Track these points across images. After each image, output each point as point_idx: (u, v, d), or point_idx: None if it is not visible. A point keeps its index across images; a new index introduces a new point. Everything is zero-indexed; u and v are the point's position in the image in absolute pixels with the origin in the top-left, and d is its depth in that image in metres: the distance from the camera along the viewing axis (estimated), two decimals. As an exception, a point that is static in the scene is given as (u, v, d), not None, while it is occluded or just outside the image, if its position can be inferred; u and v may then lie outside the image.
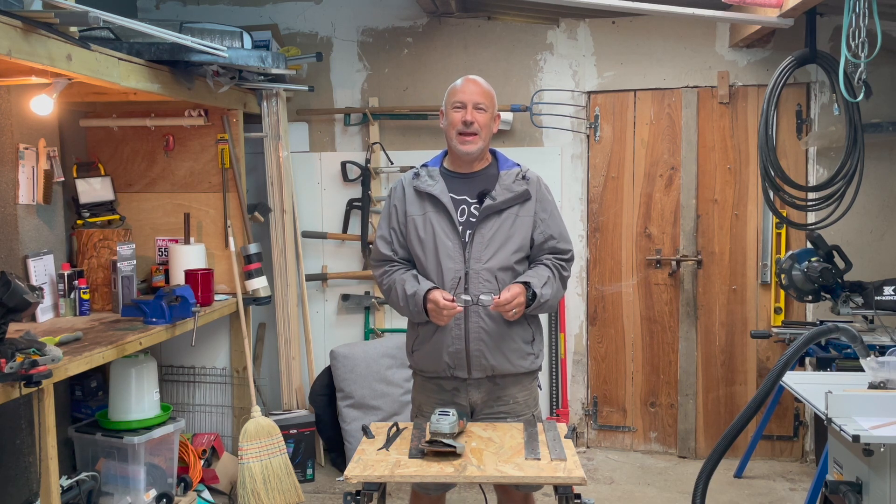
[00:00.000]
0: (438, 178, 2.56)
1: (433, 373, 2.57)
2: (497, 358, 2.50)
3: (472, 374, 2.50)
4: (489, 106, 2.55)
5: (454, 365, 2.50)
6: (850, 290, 3.55)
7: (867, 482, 1.95)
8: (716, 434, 4.32)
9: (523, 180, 2.55)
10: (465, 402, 2.55)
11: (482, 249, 2.48)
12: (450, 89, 2.60)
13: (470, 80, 2.58)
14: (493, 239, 2.49)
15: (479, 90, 2.55)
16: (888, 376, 2.15)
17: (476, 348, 2.48)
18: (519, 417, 2.57)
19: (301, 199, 4.48)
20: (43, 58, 2.43)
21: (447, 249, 2.49)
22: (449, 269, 2.48)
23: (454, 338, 2.48)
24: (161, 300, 3.30)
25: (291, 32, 4.53)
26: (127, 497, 3.37)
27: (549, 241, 2.57)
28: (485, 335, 2.48)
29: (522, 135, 4.39)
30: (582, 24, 4.32)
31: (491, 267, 2.48)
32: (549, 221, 2.57)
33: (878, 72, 3.85)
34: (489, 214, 2.50)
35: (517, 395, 2.58)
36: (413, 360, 2.64)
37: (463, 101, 2.52)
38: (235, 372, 4.20)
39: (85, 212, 3.86)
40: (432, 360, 2.54)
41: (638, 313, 4.42)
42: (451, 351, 2.49)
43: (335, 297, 4.55)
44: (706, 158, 4.28)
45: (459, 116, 2.51)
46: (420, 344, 2.57)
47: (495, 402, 2.56)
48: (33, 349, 2.35)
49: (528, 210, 2.54)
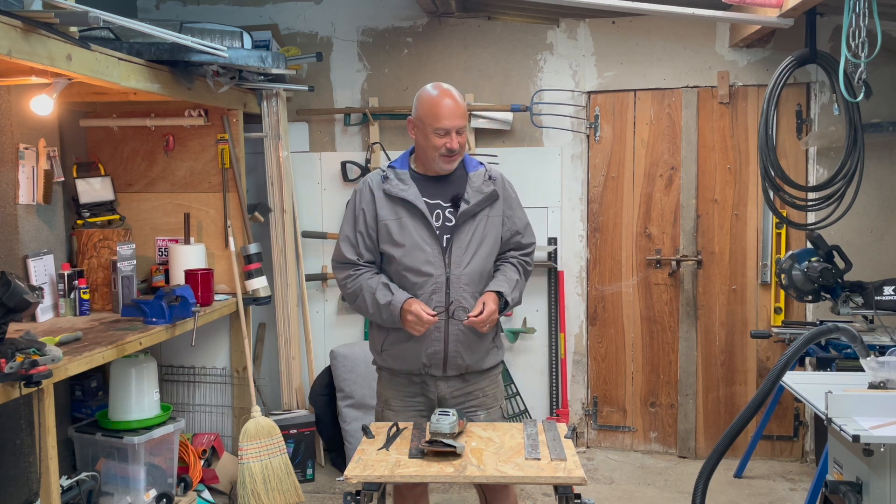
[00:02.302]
0: (410, 182, 2.54)
1: (404, 371, 2.59)
2: (472, 357, 2.56)
3: (448, 371, 2.54)
4: (466, 123, 2.55)
5: (430, 364, 2.53)
6: (850, 290, 3.55)
7: (867, 482, 1.95)
8: (716, 434, 4.31)
9: (490, 181, 2.57)
10: (433, 396, 2.58)
11: (461, 254, 2.51)
12: (427, 106, 2.49)
13: (450, 100, 2.48)
14: (470, 243, 2.52)
15: (459, 111, 2.48)
16: (888, 376, 2.15)
17: (454, 349, 2.51)
18: (489, 409, 2.62)
19: (301, 199, 4.48)
20: (43, 58, 2.43)
21: (426, 255, 2.49)
22: (429, 275, 2.48)
23: (433, 340, 2.50)
24: (161, 300, 3.31)
25: (291, 32, 4.53)
26: (127, 497, 3.37)
27: (515, 236, 2.65)
28: (462, 337, 2.52)
29: (522, 135, 4.39)
30: (582, 24, 4.32)
31: (470, 271, 2.52)
32: (514, 217, 2.64)
33: (878, 72, 3.85)
34: (465, 219, 2.52)
35: (486, 388, 2.64)
36: (382, 359, 2.64)
37: (447, 129, 2.46)
38: (235, 372, 4.20)
39: (85, 212, 3.86)
40: (407, 361, 2.56)
41: (638, 313, 4.42)
42: (429, 353, 2.51)
43: (335, 297, 4.55)
44: (706, 158, 4.28)
45: (443, 143, 2.47)
46: (392, 345, 2.57)
47: (465, 398, 2.59)
48: (33, 349, 2.35)
49: (497, 210, 2.59)
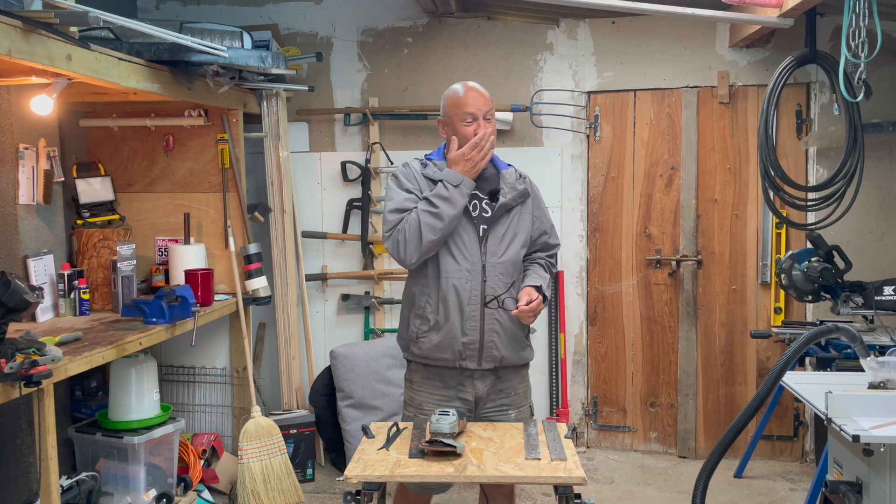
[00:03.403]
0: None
1: (439, 362, 2.56)
2: (507, 349, 2.57)
3: (483, 364, 2.54)
4: (492, 113, 2.59)
5: (465, 355, 2.53)
6: (850, 290, 3.55)
7: (867, 482, 1.95)
8: (716, 434, 4.32)
9: (521, 179, 2.66)
10: (470, 397, 2.58)
11: (497, 244, 2.56)
12: (452, 99, 2.58)
13: (473, 89, 2.57)
14: (505, 235, 2.58)
15: (485, 99, 2.56)
16: (888, 376, 2.15)
17: (490, 339, 2.53)
18: (519, 409, 2.65)
19: (301, 199, 4.48)
20: (43, 58, 2.43)
21: (464, 241, 2.53)
22: (465, 260, 2.52)
23: (470, 328, 2.52)
24: (161, 300, 3.31)
25: (291, 32, 4.53)
26: (127, 497, 3.37)
27: (543, 236, 2.71)
28: (499, 327, 2.54)
29: (522, 135, 4.39)
30: (582, 24, 4.32)
31: (505, 261, 2.56)
32: (543, 217, 2.72)
33: (878, 72, 3.85)
34: (502, 212, 2.58)
35: (517, 386, 2.66)
36: (418, 348, 2.59)
37: (474, 114, 2.53)
38: (235, 372, 4.20)
39: (85, 212, 3.86)
40: (443, 348, 2.54)
41: (638, 313, 4.42)
42: (465, 341, 2.52)
43: (335, 297, 4.55)
44: (706, 158, 4.28)
45: (473, 130, 2.53)
46: (428, 331, 2.55)
47: (497, 395, 2.61)
48: (33, 349, 2.35)
49: (528, 208, 2.66)
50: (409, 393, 2.69)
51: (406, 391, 2.71)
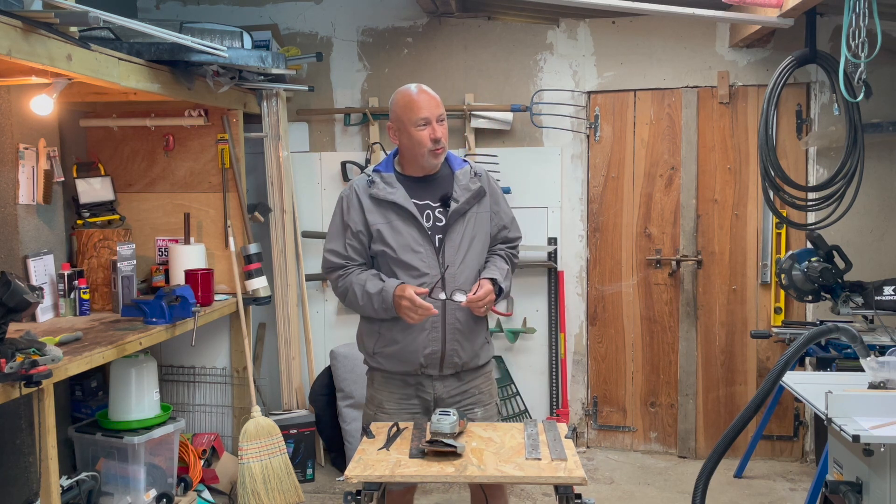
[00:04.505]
0: (397, 185, 2.52)
1: (399, 372, 2.57)
2: (468, 353, 2.56)
3: (444, 371, 2.54)
4: (444, 112, 2.53)
5: (427, 364, 2.52)
6: (850, 290, 3.55)
7: (867, 482, 1.95)
8: (716, 434, 4.31)
9: (476, 177, 2.57)
10: (429, 397, 2.57)
11: (454, 254, 2.50)
12: (403, 103, 2.49)
13: (425, 92, 2.50)
14: (462, 241, 2.52)
15: (437, 101, 2.49)
16: (888, 376, 2.15)
17: (451, 348, 2.51)
18: (485, 406, 2.63)
19: (301, 199, 4.47)
20: (43, 58, 2.43)
21: (419, 256, 2.48)
22: (424, 275, 2.47)
23: (431, 339, 2.49)
24: (161, 300, 3.31)
25: (291, 32, 4.53)
26: (127, 497, 3.37)
27: (503, 231, 2.67)
28: (459, 334, 2.52)
29: (522, 135, 4.39)
30: (582, 24, 4.32)
31: (465, 269, 2.51)
32: (501, 212, 2.66)
33: (878, 72, 3.85)
34: (456, 218, 2.51)
35: (481, 385, 2.64)
36: (376, 362, 2.61)
37: (427, 118, 2.46)
38: (235, 372, 4.20)
39: (85, 212, 3.86)
40: (403, 362, 2.54)
41: (638, 313, 4.42)
42: (427, 352, 2.50)
43: (335, 297, 4.48)
44: (706, 158, 4.28)
45: (428, 134, 2.46)
46: (385, 346, 2.55)
47: (462, 396, 2.59)
48: (33, 349, 2.35)
49: (485, 206, 2.60)
50: (370, 391, 2.69)
51: (368, 389, 2.71)
